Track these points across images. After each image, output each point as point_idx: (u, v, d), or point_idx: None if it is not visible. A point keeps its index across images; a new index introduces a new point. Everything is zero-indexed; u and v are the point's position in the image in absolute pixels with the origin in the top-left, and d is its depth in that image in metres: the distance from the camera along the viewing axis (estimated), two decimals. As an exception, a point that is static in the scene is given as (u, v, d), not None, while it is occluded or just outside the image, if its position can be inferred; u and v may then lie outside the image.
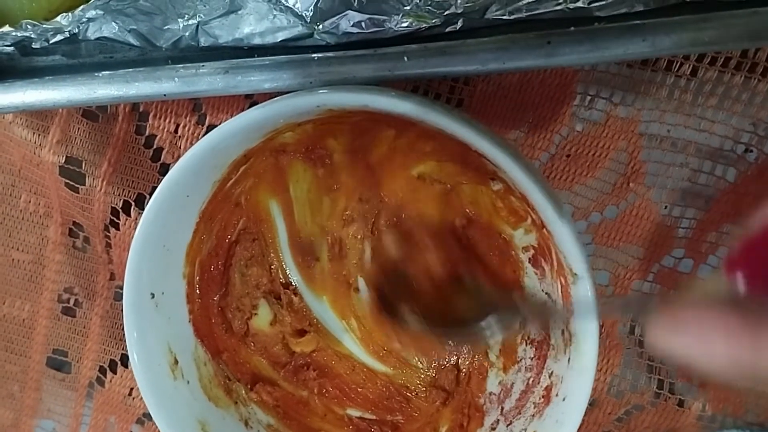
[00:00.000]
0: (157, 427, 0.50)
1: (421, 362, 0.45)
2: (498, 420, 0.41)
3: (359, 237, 0.44)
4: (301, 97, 0.32)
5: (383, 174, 0.41)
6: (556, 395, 0.37)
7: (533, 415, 0.39)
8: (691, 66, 0.39)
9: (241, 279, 0.44)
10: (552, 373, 0.38)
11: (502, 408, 0.42)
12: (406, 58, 0.35)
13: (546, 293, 0.39)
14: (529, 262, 0.40)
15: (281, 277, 0.45)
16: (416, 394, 0.45)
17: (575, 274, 0.33)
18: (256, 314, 0.44)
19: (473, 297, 0.41)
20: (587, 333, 0.33)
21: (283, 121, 0.35)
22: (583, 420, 0.34)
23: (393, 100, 0.31)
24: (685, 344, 0.22)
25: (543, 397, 0.39)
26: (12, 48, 0.40)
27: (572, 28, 0.34)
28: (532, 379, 0.40)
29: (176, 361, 0.39)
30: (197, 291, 0.41)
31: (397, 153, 0.40)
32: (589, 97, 0.41)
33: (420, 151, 0.39)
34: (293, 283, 0.45)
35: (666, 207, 0.42)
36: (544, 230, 0.35)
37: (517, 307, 0.39)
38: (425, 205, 0.42)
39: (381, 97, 0.31)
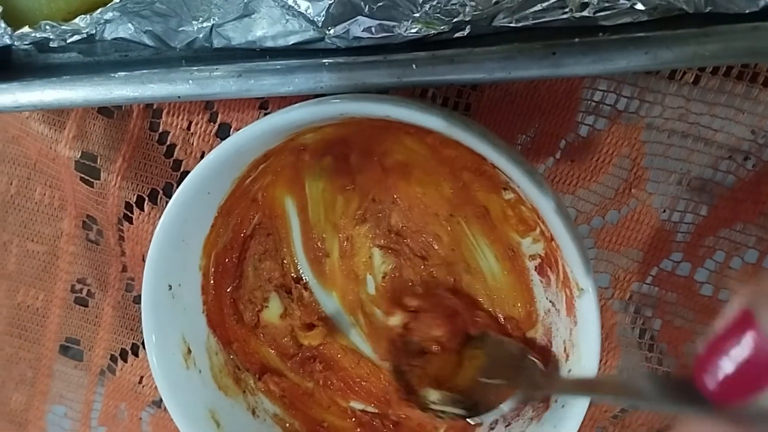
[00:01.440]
0: (166, 413, 0.52)
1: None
2: (497, 420, 0.42)
3: (370, 236, 0.45)
4: (325, 105, 0.33)
5: (398, 178, 0.43)
6: (555, 401, 0.38)
7: (532, 419, 0.40)
8: (694, 75, 0.40)
9: (254, 272, 0.45)
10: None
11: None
12: (414, 66, 0.36)
13: (550, 302, 0.40)
14: (535, 270, 0.41)
15: (293, 271, 0.46)
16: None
17: (581, 288, 0.34)
18: (267, 307, 0.45)
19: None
20: (589, 344, 0.34)
21: (305, 125, 0.36)
22: (582, 418, 0.35)
23: (414, 113, 0.32)
24: None
25: (542, 402, 0.40)
26: (30, 45, 0.41)
27: (577, 40, 0.35)
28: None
29: (189, 351, 0.40)
30: (212, 283, 0.42)
31: (413, 160, 0.41)
32: (594, 104, 0.42)
33: (436, 158, 0.40)
34: (304, 278, 0.46)
35: (665, 212, 0.43)
36: (552, 242, 0.36)
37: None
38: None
39: (403, 109, 0.32)
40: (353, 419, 0.46)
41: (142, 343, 0.52)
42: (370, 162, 0.42)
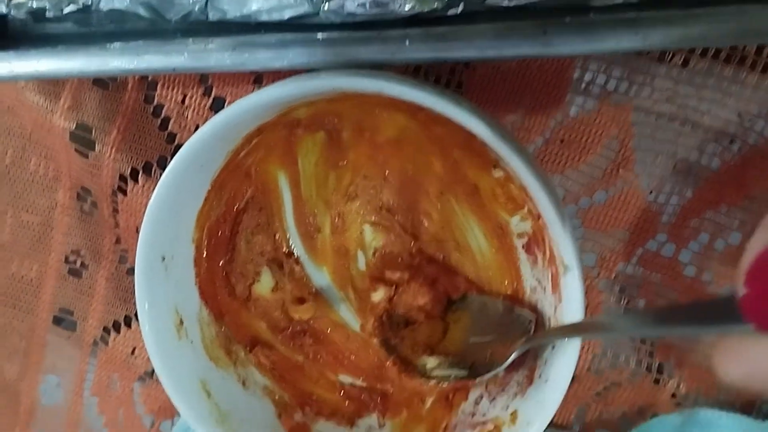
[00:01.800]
0: (157, 385, 0.53)
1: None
2: (482, 395, 0.43)
3: (361, 213, 0.45)
4: (318, 79, 0.34)
5: (389, 155, 0.43)
6: (539, 377, 0.39)
7: (516, 393, 0.41)
8: (683, 56, 0.41)
9: (246, 246, 0.45)
10: (537, 355, 0.40)
11: (486, 384, 0.44)
12: (407, 42, 0.36)
13: (537, 280, 0.41)
14: (523, 248, 0.41)
15: (284, 246, 0.46)
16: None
17: (566, 265, 0.35)
18: (258, 281, 0.46)
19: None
20: (573, 321, 0.35)
21: (298, 99, 0.36)
22: (564, 393, 0.36)
23: (406, 89, 0.33)
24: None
25: (526, 377, 0.40)
26: (26, 15, 0.41)
27: (568, 19, 0.35)
28: (516, 360, 0.42)
29: (181, 322, 0.41)
30: (204, 255, 0.43)
31: (405, 137, 0.42)
32: (584, 85, 0.42)
33: (427, 136, 0.41)
34: (295, 253, 0.46)
35: (652, 193, 0.44)
36: (540, 220, 0.37)
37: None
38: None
39: (395, 85, 0.33)
40: (342, 392, 0.47)
41: (135, 315, 0.52)
42: (362, 139, 0.43)
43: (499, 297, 0.43)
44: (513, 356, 0.39)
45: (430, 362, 0.42)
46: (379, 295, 0.45)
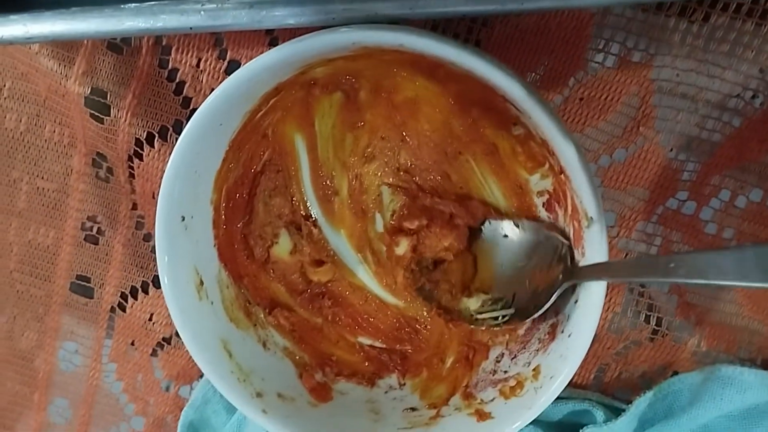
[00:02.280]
0: (176, 350, 0.53)
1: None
2: (503, 353, 0.43)
3: (379, 174, 0.45)
4: (337, 34, 0.34)
5: (407, 115, 0.43)
6: (562, 332, 0.39)
7: (538, 350, 0.41)
8: (704, 12, 0.40)
9: (264, 208, 0.45)
10: (559, 311, 0.40)
11: (507, 342, 0.44)
12: (427, -3, 0.36)
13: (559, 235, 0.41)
14: (543, 206, 0.41)
15: (302, 209, 0.46)
16: (425, 326, 0.47)
17: (590, 218, 0.35)
18: (277, 243, 0.46)
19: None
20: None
21: (317, 57, 0.36)
22: (589, 345, 0.36)
23: (428, 41, 0.32)
24: None
25: (548, 333, 0.40)
26: (39, -22, 0.41)
27: (591, -30, 0.35)
28: (538, 318, 0.42)
29: (201, 283, 0.41)
30: (223, 217, 0.43)
31: (423, 96, 0.41)
32: (603, 42, 0.42)
33: (445, 94, 0.40)
34: (313, 216, 0.46)
35: (672, 150, 0.43)
36: (562, 175, 0.37)
37: None
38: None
39: (416, 38, 0.32)
40: (361, 354, 0.47)
41: (153, 281, 0.52)
42: (380, 99, 0.42)
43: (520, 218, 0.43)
44: (559, 290, 0.38)
45: (472, 303, 0.42)
46: (402, 248, 0.45)
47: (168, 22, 0.39)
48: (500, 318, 0.41)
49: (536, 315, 0.40)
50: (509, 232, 0.42)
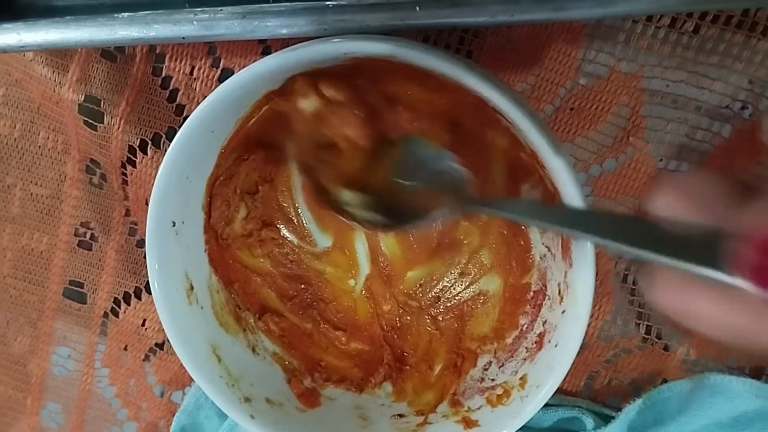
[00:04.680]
0: (168, 356, 0.53)
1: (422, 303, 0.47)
2: (491, 361, 0.44)
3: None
4: (329, 44, 0.34)
5: (397, 123, 0.43)
6: (549, 341, 0.39)
7: (525, 359, 0.41)
8: (694, 23, 0.41)
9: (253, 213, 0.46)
10: (546, 321, 0.40)
11: (495, 350, 0.44)
12: (418, 8, 0.36)
13: (546, 246, 0.41)
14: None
15: (293, 214, 0.47)
16: (413, 332, 0.47)
17: None
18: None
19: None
20: (584, 286, 0.35)
21: (309, 65, 0.36)
22: (575, 355, 0.37)
23: (418, 53, 0.33)
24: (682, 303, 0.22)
25: (536, 342, 0.41)
26: (33, -14, 0.41)
27: (580, -17, 0.35)
28: (525, 326, 0.43)
29: (192, 288, 0.41)
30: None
31: (414, 105, 0.41)
32: (594, 52, 0.42)
33: (436, 104, 0.41)
34: (304, 221, 0.47)
35: (662, 160, 0.44)
36: (551, 187, 0.37)
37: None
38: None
39: (407, 50, 0.33)
40: (350, 359, 0.47)
41: (145, 287, 0.53)
42: (370, 107, 0.43)
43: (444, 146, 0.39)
44: (441, 213, 0.37)
45: (346, 195, 0.40)
46: (306, 104, 0.39)
47: (161, 31, 0.39)
48: (372, 221, 0.39)
49: (408, 227, 0.38)
50: (418, 150, 0.40)
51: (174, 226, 0.39)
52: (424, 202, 0.38)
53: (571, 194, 0.34)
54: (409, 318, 0.47)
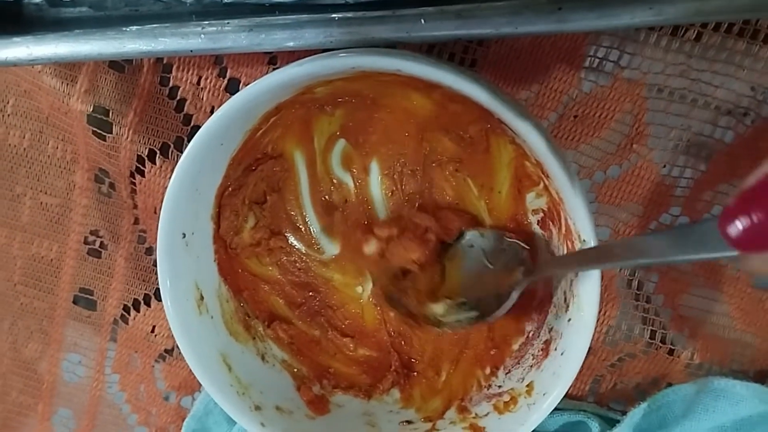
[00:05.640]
0: (177, 362, 0.54)
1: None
2: (498, 367, 0.44)
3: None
4: (335, 58, 0.34)
5: (406, 134, 0.44)
6: (555, 349, 0.40)
7: (531, 366, 0.41)
8: (696, 31, 0.41)
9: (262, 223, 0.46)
10: (552, 328, 0.41)
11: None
12: (423, 21, 0.36)
13: (551, 255, 0.42)
14: (537, 224, 0.42)
15: (301, 223, 0.47)
16: (419, 338, 0.48)
17: (583, 240, 0.35)
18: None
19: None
20: (590, 295, 0.36)
21: (316, 79, 0.37)
22: (581, 365, 0.37)
23: (424, 67, 0.33)
24: None
25: (542, 350, 0.41)
26: (41, -1, 0.42)
27: (583, -5, 0.35)
28: (532, 333, 0.43)
29: (202, 297, 0.42)
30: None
31: (421, 115, 0.42)
32: (597, 60, 0.42)
33: (442, 114, 0.41)
34: (312, 230, 0.47)
35: (666, 167, 0.44)
36: (556, 196, 0.37)
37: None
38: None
39: (412, 63, 0.33)
40: (359, 366, 0.48)
41: (155, 294, 0.53)
42: (378, 117, 0.43)
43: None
44: (518, 288, 0.39)
45: (438, 308, 0.43)
46: (371, 248, 0.45)
47: (169, 45, 0.39)
48: (464, 320, 0.42)
49: (499, 314, 0.40)
50: (475, 242, 0.43)
51: (184, 237, 0.40)
52: (500, 284, 0.41)
53: (576, 204, 0.34)
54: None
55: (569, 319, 0.38)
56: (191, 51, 0.39)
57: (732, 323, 0.47)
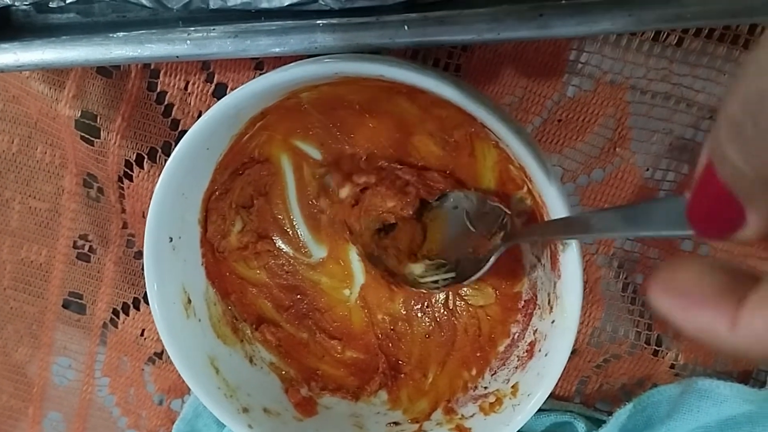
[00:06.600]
0: (166, 365, 0.54)
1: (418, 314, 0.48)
2: (483, 369, 0.45)
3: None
4: (320, 64, 0.35)
5: (390, 137, 0.44)
6: (539, 351, 0.40)
7: (516, 367, 0.42)
8: (678, 36, 0.41)
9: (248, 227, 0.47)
10: (536, 330, 0.41)
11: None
12: (406, 27, 0.37)
13: (536, 257, 0.42)
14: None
15: (288, 227, 0.47)
16: (407, 340, 0.48)
17: (565, 243, 0.36)
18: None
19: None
20: (572, 296, 0.36)
21: (301, 84, 0.37)
22: (564, 366, 0.38)
23: (407, 73, 0.33)
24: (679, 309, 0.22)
25: (527, 351, 0.42)
26: (29, 6, 0.42)
27: (564, 1, 0.36)
28: (517, 335, 0.43)
29: (189, 301, 0.42)
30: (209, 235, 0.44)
31: (406, 119, 0.42)
32: (580, 65, 0.43)
33: (427, 118, 0.42)
34: (300, 234, 0.48)
35: (648, 170, 0.44)
36: (539, 200, 0.38)
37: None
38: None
39: (396, 69, 0.33)
40: (346, 368, 0.48)
41: (143, 297, 0.53)
42: (364, 122, 0.43)
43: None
44: (496, 253, 0.40)
45: (416, 269, 0.44)
46: (345, 192, 0.45)
47: (155, 51, 0.40)
48: (440, 281, 0.43)
49: (475, 277, 0.41)
50: (459, 203, 0.43)
51: (171, 241, 0.40)
52: (480, 247, 0.41)
53: (558, 206, 0.35)
54: (403, 326, 0.48)
55: (553, 321, 0.39)
56: (177, 57, 0.40)
57: (715, 324, 0.47)
